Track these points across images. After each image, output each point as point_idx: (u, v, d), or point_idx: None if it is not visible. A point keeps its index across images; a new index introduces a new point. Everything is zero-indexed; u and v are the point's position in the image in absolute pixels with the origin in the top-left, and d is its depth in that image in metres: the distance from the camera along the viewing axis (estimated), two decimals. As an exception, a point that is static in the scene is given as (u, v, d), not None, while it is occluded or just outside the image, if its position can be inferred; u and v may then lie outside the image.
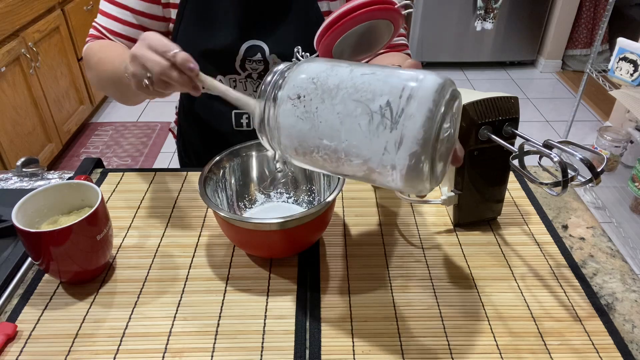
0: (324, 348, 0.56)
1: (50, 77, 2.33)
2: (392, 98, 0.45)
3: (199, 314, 0.60)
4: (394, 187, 0.48)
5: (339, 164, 0.49)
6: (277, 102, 0.50)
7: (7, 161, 1.97)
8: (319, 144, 0.49)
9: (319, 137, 0.48)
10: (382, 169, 0.46)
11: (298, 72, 0.51)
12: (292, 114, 0.49)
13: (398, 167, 0.45)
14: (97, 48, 0.81)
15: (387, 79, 0.46)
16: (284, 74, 0.52)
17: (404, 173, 0.45)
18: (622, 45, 1.94)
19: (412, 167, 0.44)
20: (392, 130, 0.44)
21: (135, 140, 2.64)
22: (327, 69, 0.50)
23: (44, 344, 0.57)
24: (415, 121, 0.43)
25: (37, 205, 0.62)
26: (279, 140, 0.52)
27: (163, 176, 0.85)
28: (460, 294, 0.63)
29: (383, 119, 0.45)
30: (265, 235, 0.61)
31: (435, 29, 3.30)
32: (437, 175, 0.48)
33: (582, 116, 2.92)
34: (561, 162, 0.52)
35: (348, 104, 0.46)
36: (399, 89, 0.45)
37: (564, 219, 0.77)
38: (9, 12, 1.97)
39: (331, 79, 0.49)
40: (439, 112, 0.44)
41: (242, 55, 0.83)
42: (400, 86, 0.45)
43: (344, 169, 0.49)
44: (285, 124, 0.50)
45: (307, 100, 0.49)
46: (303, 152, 0.50)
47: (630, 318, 0.60)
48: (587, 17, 3.28)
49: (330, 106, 0.47)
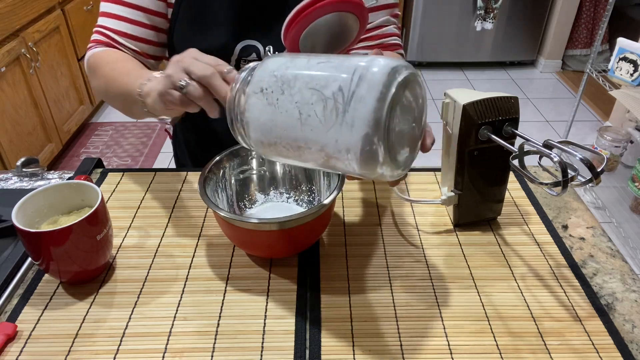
0: (324, 348, 0.56)
1: (50, 77, 2.33)
2: (344, 83, 0.46)
3: (199, 314, 0.60)
4: (354, 173, 0.49)
5: (300, 153, 0.50)
6: (245, 97, 0.52)
7: (7, 161, 1.97)
8: (281, 134, 0.50)
9: (280, 128, 0.50)
10: (339, 154, 0.47)
11: (262, 67, 0.52)
12: (256, 107, 0.51)
13: (352, 151, 0.46)
14: (106, 58, 0.79)
15: (339, 65, 0.48)
16: (253, 71, 0.53)
17: (358, 156, 0.46)
18: (622, 45, 1.95)
19: (365, 149, 0.45)
20: (344, 114, 0.45)
21: (135, 140, 2.64)
22: (287, 61, 0.52)
23: (44, 344, 0.57)
24: (366, 103, 0.44)
25: (37, 205, 0.62)
26: (248, 134, 0.53)
27: (163, 176, 0.85)
28: (460, 294, 0.63)
29: (336, 103, 0.46)
30: (265, 235, 0.61)
31: (435, 29, 3.30)
32: (399, 160, 0.49)
33: (582, 116, 2.92)
34: (561, 162, 0.52)
35: (304, 93, 0.48)
36: (350, 74, 0.46)
37: (564, 219, 0.77)
38: (9, 12, 1.97)
39: (290, 70, 0.50)
40: (389, 93, 0.44)
41: (237, 55, 0.83)
42: (352, 70, 0.46)
43: (305, 157, 0.51)
44: (251, 117, 0.52)
45: (269, 92, 0.50)
46: (268, 143, 0.52)
47: (630, 318, 0.60)
48: (587, 17, 3.28)
49: (289, 96, 0.49)
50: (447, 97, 0.67)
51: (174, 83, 0.56)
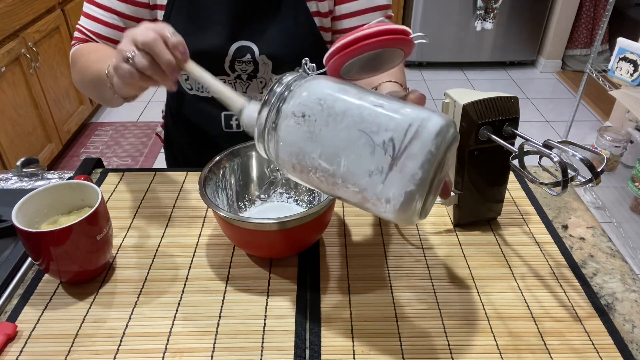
0: (324, 348, 0.56)
1: (50, 77, 2.33)
2: (397, 135, 0.45)
3: (199, 314, 0.60)
4: (384, 217, 0.48)
5: (335, 188, 0.49)
6: (281, 115, 0.50)
7: (7, 161, 1.97)
8: (318, 166, 0.49)
9: (319, 159, 0.48)
10: (377, 200, 0.46)
11: (305, 89, 0.50)
12: (295, 131, 0.49)
13: (392, 202, 0.45)
14: (85, 50, 0.80)
15: (393, 114, 0.46)
16: (290, 86, 0.51)
17: (397, 208, 0.46)
18: (622, 45, 1.95)
19: (405, 203, 0.45)
20: (392, 166, 0.45)
21: (135, 140, 2.64)
22: (335, 91, 0.49)
23: (44, 344, 0.57)
24: (416, 161, 0.44)
25: (37, 205, 0.62)
26: (277, 153, 0.51)
27: (163, 176, 0.85)
28: (460, 294, 0.63)
29: (385, 154, 0.45)
30: (265, 235, 0.61)
31: (435, 29, 3.29)
32: (427, 208, 0.49)
33: (582, 116, 2.92)
34: (561, 162, 0.52)
35: (352, 132, 0.46)
36: (403, 127, 0.45)
37: (564, 219, 0.77)
38: (9, 12, 1.97)
39: (339, 103, 0.48)
40: (439, 154, 0.45)
41: (232, 56, 0.83)
42: (406, 124, 0.45)
43: (338, 193, 0.50)
44: (286, 140, 0.50)
45: (312, 120, 0.48)
46: (300, 169, 0.50)
47: (630, 318, 0.60)
48: (587, 17, 3.28)
49: (334, 131, 0.47)
50: (447, 97, 0.67)
51: (123, 56, 0.55)
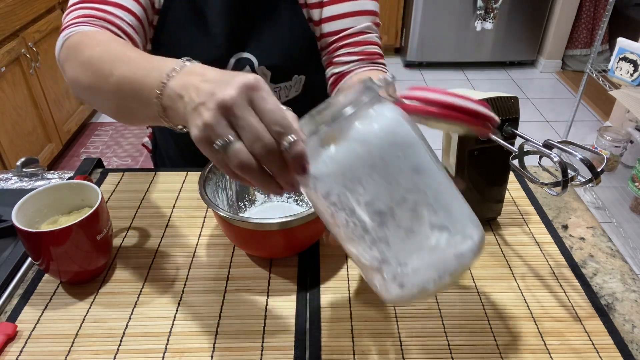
0: (324, 348, 0.56)
1: (50, 77, 2.33)
2: (451, 230, 0.45)
3: (199, 314, 0.60)
4: (381, 293, 0.46)
5: (354, 242, 0.44)
6: (349, 133, 0.42)
7: (7, 161, 1.97)
8: (353, 211, 0.42)
9: (357, 205, 0.42)
10: (390, 278, 0.44)
11: (376, 120, 0.42)
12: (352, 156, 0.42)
13: (404, 289, 0.44)
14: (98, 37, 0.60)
15: (457, 215, 0.47)
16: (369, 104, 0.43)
17: (403, 295, 0.44)
18: (622, 45, 1.95)
19: (413, 296, 0.44)
20: (430, 255, 0.43)
21: (135, 140, 2.64)
22: (408, 144, 0.43)
23: (44, 344, 0.57)
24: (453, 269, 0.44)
25: (37, 205, 0.62)
26: (316, 189, 0.43)
27: (163, 176, 0.85)
28: (460, 294, 0.63)
29: (434, 242, 0.43)
30: (265, 235, 0.61)
31: (435, 29, 3.30)
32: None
33: (582, 116, 2.92)
34: (561, 162, 0.52)
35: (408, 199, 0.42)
36: (459, 229, 0.45)
37: (564, 219, 0.77)
38: (9, 12, 1.97)
39: (409, 159, 0.43)
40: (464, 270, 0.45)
41: (231, 68, 0.82)
42: (460, 227, 0.46)
43: (352, 246, 0.45)
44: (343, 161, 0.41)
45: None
46: (333, 202, 0.43)
47: (630, 318, 0.60)
48: (587, 17, 3.28)
49: (395, 188, 0.42)
50: (447, 97, 0.67)
51: (210, 139, 0.39)
